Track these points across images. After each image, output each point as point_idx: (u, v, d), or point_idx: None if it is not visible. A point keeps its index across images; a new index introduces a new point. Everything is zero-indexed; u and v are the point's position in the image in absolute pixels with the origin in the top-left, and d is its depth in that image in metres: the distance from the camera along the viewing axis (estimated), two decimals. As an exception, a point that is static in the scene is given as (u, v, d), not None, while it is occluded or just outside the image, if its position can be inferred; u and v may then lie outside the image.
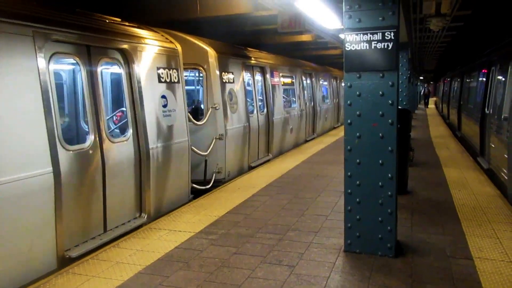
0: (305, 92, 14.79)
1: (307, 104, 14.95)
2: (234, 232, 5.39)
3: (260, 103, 10.94)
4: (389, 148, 4.45)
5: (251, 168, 9.66)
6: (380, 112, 4.46)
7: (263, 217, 5.97)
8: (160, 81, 6.38)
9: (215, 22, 9.39)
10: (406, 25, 9.63)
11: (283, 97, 12.83)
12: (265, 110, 10.93)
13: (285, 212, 6.19)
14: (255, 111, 10.31)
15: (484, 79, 10.81)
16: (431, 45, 17.72)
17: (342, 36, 11.44)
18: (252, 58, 10.44)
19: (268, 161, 10.59)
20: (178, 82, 6.81)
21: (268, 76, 11.06)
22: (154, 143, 6.15)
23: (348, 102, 4.58)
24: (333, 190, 7.45)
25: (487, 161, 9.46)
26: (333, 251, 4.74)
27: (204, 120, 8.12)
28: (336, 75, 20.32)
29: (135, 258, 4.62)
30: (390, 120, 4.44)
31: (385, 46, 4.43)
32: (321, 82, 17.30)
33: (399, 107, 4.71)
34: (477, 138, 10.80)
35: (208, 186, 7.87)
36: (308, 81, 15.53)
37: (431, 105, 39.49)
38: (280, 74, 12.18)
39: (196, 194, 7.41)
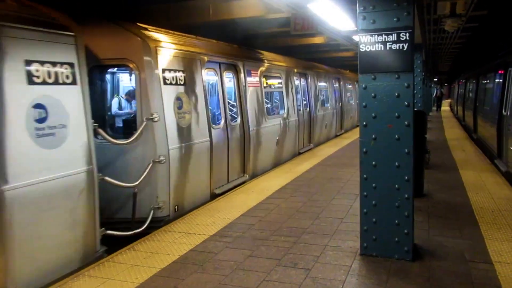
0: (298, 95, 12.58)
1: (301, 109, 12.65)
2: (248, 235, 5.37)
3: (232, 111, 8.88)
4: (406, 150, 4.40)
5: (216, 196, 7.40)
6: (396, 114, 4.41)
7: (277, 220, 5.94)
8: (31, 83, 4.20)
9: (227, 25, 9.40)
10: (420, 26, 9.54)
11: (267, 102, 10.78)
12: (239, 119, 8.74)
13: (300, 215, 6.15)
14: (222, 121, 8.10)
15: (501, 80, 10.64)
16: (445, 46, 17.51)
17: (355, 37, 11.40)
18: (218, 53, 8.15)
19: (243, 183, 8.43)
20: (74, 83, 4.65)
21: (242, 76, 8.85)
22: (17, 180, 3.95)
23: (363, 103, 4.54)
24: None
25: (505, 163, 9.29)
26: (349, 254, 4.69)
27: (133, 138, 5.86)
28: (339, 76, 18.11)
29: (150, 261, 4.63)
30: (406, 122, 4.39)
31: (400, 47, 4.38)
32: (319, 83, 14.96)
33: (415, 109, 4.66)
34: (494, 140, 10.62)
35: (139, 230, 5.68)
36: (303, 83, 13.35)
37: (445, 107, 39.00)
38: (261, 74, 9.90)
39: (125, 241, 5.36)
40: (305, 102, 13.33)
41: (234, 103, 8.95)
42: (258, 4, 7.90)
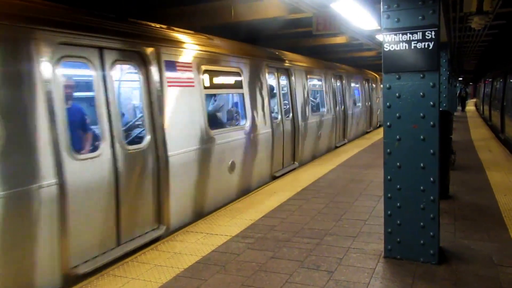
0: (275, 98, 9.69)
1: (279, 117, 9.56)
2: (270, 236, 5.36)
3: (142, 128, 5.93)
4: (431, 151, 4.31)
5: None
6: (421, 114, 4.33)
7: (299, 221, 5.90)
8: None
9: (250, 26, 9.42)
10: (445, 24, 9.36)
11: (215, 109, 8.22)
12: (149, 138, 5.57)
13: (322, 217, 6.10)
14: (102, 146, 4.95)
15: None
16: (471, 44, 17.13)
17: (379, 37, 11.27)
18: (86, 29, 4.80)
19: (156, 240, 5.47)
20: None
21: (154, 70, 5.63)
22: None
23: (387, 104, 4.48)
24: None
25: (534, 164, 9.03)
26: (372, 256, 4.62)
27: None
28: (341, 73, 14.83)
29: (173, 261, 4.66)
30: (431, 122, 4.30)
31: (426, 46, 4.30)
32: (311, 83, 12.07)
33: (440, 109, 4.56)
34: (523, 141, 10.34)
35: None
36: (283, 81, 10.31)
37: (470, 107, 38.16)
38: (200, 68, 6.67)
39: None
40: (287, 107, 10.35)
41: (140, 115, 6.02)
42: (279, 4, 7.90)
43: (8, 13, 4.08)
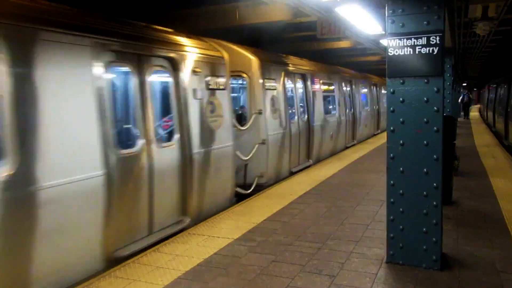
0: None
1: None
2: (272, 240, 5.34)
3: None
4: (434, 156, 4.30)
5: None
6: (425, 119, 4.32)
7: (301, 225, 5.89)
8: None
9: (254, 29, 9.44)
10: (450, 30, 9.34)
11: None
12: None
13: (324, 220, 6.09)
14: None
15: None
16: (476, 50, 17.11)
17: (383, 41, 11.27)
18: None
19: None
20: None
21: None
22: None
23: (391, 108, 4.47)
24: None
25: (538, 171, 8.98)
26: (374, 261, 4.60)
27: None
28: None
29: (175, 263, 4.66)
30: (435, 128, 4.29)
31: (430, 51, 4.29)
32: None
33: (444, 114, 4.55)
34: (527, 147, 10.29)
35: None
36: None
37: (474, 113, 37.99)
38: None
39: None
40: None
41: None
42: (284, 8, 7.92)
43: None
